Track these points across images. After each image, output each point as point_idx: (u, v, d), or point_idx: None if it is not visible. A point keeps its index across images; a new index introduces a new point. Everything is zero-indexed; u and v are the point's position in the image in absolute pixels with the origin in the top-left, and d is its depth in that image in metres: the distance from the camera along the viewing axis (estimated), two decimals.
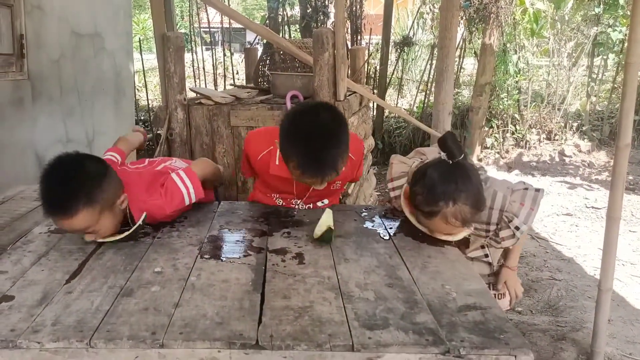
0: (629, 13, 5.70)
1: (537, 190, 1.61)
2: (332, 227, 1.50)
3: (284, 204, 1.87)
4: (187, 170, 1.66)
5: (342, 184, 1.87)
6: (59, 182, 1.37)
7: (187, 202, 1.62)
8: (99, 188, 1.40)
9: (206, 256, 1.40)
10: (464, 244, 1.70)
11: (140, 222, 1.52)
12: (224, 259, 1.38)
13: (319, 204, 1.88)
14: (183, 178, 1.62)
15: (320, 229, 1.51)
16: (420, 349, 1.00)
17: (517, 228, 1.59)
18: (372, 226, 1.65)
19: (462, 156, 1.45)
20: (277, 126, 1.68)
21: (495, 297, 1.77)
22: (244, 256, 1.40)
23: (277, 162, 1.67)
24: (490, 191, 1.59)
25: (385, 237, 1.56)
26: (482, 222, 1.63)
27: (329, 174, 1.49)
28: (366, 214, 1.77)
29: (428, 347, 1.01)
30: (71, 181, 1.37)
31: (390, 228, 1.64)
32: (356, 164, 1.82)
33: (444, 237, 1.50)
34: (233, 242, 1.52)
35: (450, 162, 1.44)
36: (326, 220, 1.53)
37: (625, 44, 5.59)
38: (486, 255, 1.76)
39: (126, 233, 1.49)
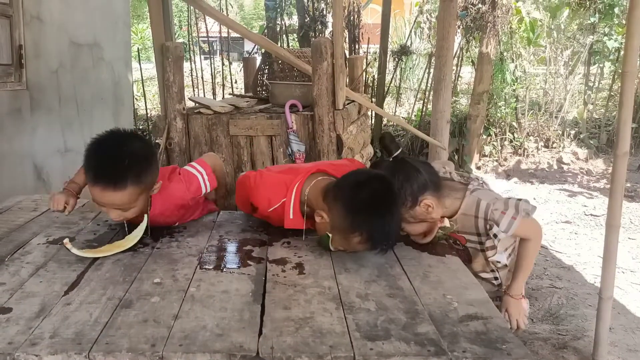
0: (624, 22, 5.74)
1: (520, 199, 1.60)
2: (330, 234, 1.49)
3: None
4: (198, 161, 1.73)
5: None
6: (113, 154, 1.40)
7: (203, 190, 1.66)
8: (148, 169, 1.45)
9: (206, 267, 1.39)
10: (467, 259, 1.67)
11: (144, 224, 1.53)
12: (223, 270, 1.38)
13: None
14: (195, 166, 1.68)
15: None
16: None
17: (495, 236, 1.58)
18: None
19: (399, 151, 1.55)
20: (282, 171, 1.67)
21: None
22: (244, 266, 1.40)
23: (291, 216, 1.58)
24: (474, 199, 1.60)
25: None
26: (472, 233, 1.63)
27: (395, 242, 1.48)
28: None
29: (430, 357, 1.00)
30: (125, 156, 1.40)
31: None
32: None
33: (422, 240, 1.56)
34: (233, 253, 1.51)
35: (390, 159, 1.55)
36: None
37: (621, 53, 5.62)
38: (495, 278, 1.72)
39: (136, 238, 1.51)
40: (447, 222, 1.54)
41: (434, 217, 1.53)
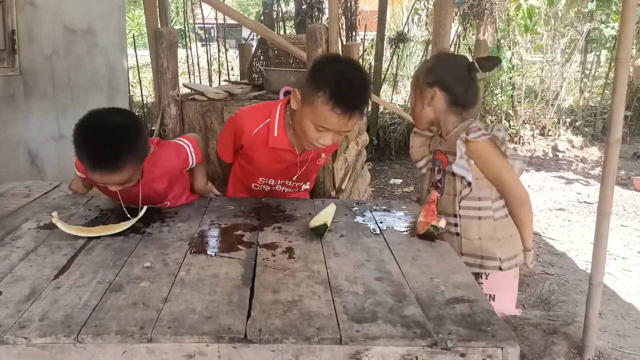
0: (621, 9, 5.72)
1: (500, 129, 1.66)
2: (328, 225, 1.52)
3: (268, 189, 1.88)
4: (182, 136, 1.78)
5: (325, 158, 1.89)
6: (106, 139, 1.41)
7: (190, 161, 1.70)
8: (141, 141, 1.49)
9: (196, 251, 1.40)
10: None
11: (142, 213, 1.57)
12: (214, 254, 1.38)
13: (303, 187, 1.92)
14: (182, 140, 1.72)
15: (317, 220, 1.52)
16: (408, 342, 1.01)
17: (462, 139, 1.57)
18: (363, 220, 1.66)
19: None
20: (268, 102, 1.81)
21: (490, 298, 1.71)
22: (234, 251, 1.40)
23: (275, 134, 1.68)
24: (469, 122, 1.62)
25: (375, 232, 1.56)
26: (454, 153, 1.61)
27: (360, 107, 1.54)
28: (357, 208, 1.77)
29: (415, 339, 1.01)
30: (117, 137, 1.42)
31: (381, 222, 1.64)
32: None
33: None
34: (223, 237, 1.52)
35: None
36: (326, 215, 1.55)
37: None
38: (456, 225, 1.66)
39: (130, 223, 1.53)
40: (442, 222, 1.52)
41: (431, 109, 1.65)
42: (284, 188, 1.90)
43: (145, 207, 1.58)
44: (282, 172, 1.83)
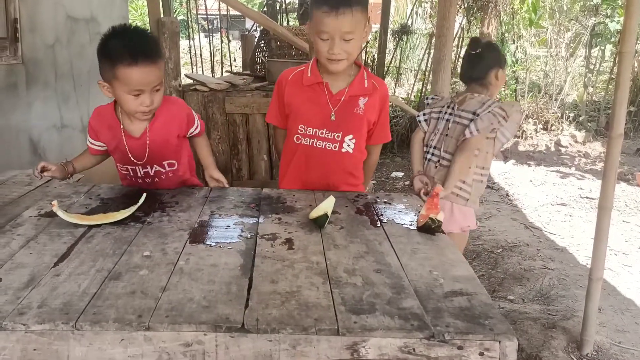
0: None
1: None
2: (329, 215, 1.52)
3: (308, 142, 1.90)
4: None
5: (364, 111, 1.87)
6: (141, 33, 1.62)
7: (196, 122, 1.86)
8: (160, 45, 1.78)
9: (196, 241, 1.40)
10: None
11: (141, 201, 1.59)
12: (213, 244, 1.38)
13: (347, 139, 1.89)
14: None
15: (317, 212, 1.52)
16: (405, 334, 1.01)
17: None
18: (363, 213, 1.65)
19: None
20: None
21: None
22: (234, 241, 1.41)
23: (309, 74, 1.86)
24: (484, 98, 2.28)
25: (376, 224, 1.56)
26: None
27: (344, 1, 1.64)
28: (358, 200, 1.77)
29: (413, 331, 1.01)
30: (148, 34, 1.67)
31: (381, 215, 1.64)
32: (382, 97, 1.91)
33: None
34: (223, 228, 1.52)
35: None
36: (326, 206, 1.55)
37: None
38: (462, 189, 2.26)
39: (129, 211, 1.53)
40: (441, 215, 1.52)
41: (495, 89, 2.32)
42: (325, 143, 1.89)
43: (144, 195, 1.59)
44: (318, 114, 1.86)
